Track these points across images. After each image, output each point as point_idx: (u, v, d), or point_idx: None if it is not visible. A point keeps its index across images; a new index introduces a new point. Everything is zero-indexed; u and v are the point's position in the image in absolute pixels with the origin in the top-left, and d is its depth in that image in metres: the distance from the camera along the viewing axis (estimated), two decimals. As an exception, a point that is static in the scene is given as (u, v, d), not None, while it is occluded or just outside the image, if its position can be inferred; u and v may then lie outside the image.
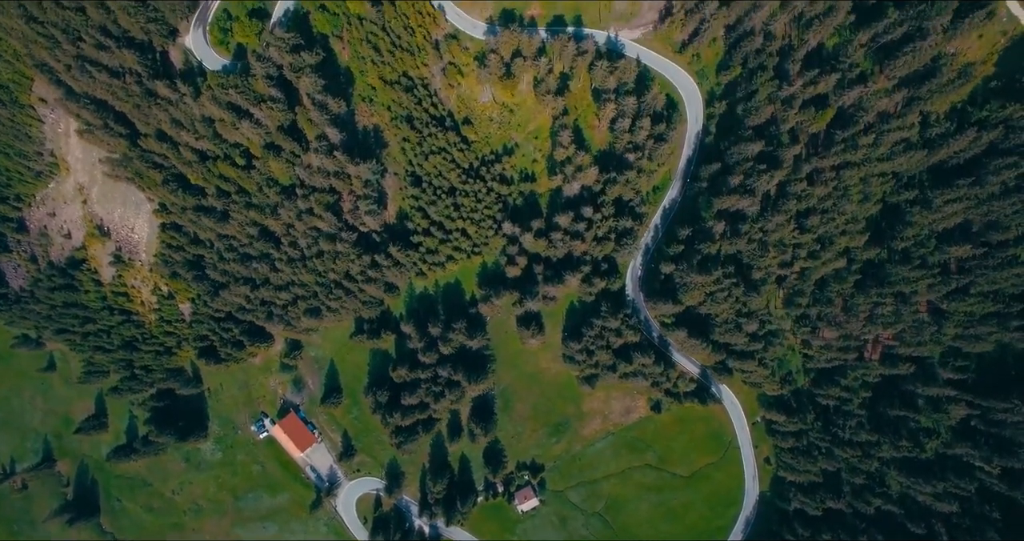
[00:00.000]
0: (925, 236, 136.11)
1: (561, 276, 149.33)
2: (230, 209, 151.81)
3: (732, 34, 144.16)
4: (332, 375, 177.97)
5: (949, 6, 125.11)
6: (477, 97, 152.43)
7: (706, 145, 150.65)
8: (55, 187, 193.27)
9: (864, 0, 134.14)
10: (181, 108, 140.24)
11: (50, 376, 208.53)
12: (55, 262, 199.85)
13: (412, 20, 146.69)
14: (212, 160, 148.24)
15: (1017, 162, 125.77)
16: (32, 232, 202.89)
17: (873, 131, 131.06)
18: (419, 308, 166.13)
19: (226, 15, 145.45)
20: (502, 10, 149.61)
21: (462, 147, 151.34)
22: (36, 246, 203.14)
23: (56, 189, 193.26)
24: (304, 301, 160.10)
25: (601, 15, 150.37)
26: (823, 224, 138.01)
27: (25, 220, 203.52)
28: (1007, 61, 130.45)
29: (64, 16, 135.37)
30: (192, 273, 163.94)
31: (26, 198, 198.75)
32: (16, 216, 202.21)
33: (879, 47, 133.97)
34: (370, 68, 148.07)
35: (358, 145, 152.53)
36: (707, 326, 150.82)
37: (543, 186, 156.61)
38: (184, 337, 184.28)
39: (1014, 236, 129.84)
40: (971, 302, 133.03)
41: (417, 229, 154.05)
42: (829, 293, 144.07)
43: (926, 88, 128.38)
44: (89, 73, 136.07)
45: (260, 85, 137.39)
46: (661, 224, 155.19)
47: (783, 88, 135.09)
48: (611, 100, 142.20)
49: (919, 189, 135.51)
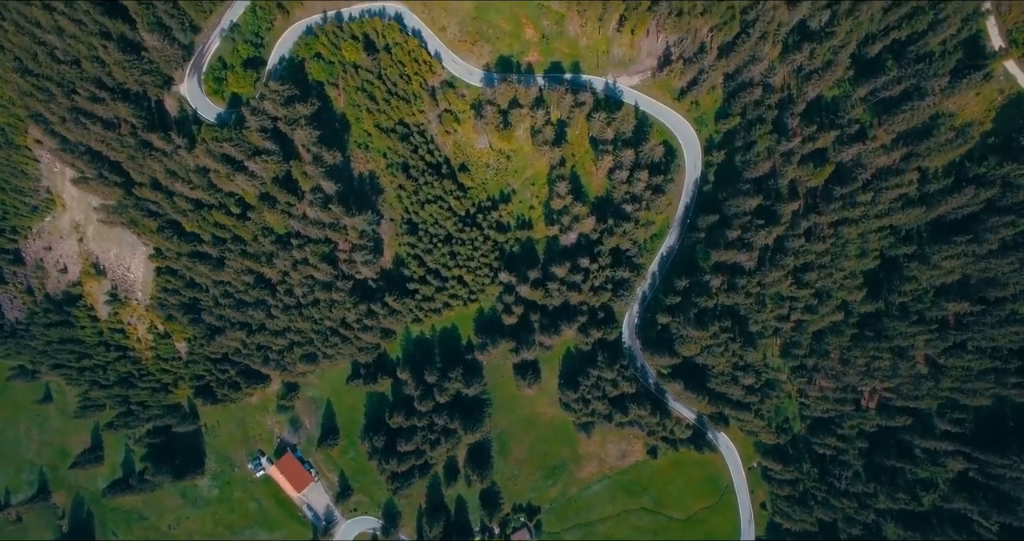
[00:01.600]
0: (923, 291, 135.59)
1: (557, 326, 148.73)
2: (225, 256, 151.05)
3: (731, 83, 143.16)
4: (329, 416, 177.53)
5: (947, 65, 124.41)
6: (474, 144, 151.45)
7: (704, 193, 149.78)
8: (51, 221, 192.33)
9: (864, 52, 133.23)
10: (175, 159, 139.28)
11: (46, 408, 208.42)
12: (51, 295, 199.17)
13: (408, 68, 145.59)
14: (207, 208, 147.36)
15: (1015, 221, 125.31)
16: (28, 264, 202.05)
17: (871, 188, 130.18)
18: (415, 352, 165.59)
19: (221, 64, 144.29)
20: (499, 57, 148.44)
21: (458, 195, 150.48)
22: (32, 278, 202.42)
23: (52, 223, 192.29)
24: (300, 347, 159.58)
25: (599, 61, 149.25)
26: (821, 279, 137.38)
27: (21, 252, 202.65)
28: (1004, 118, 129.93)
29: (59, 70, 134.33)
30: (188, 316, 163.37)
31: (22, 230, 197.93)
32: (12, 247, 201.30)
33: (878, 101, 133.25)
34: (365, 116, 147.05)
35: (354, 192, 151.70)
36: (704, 376, 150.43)
37: (540, 232, 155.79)
38: (180, 376, 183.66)
39: (1012, 293, 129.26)
40: (968, 358, 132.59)
41: (413, 276, 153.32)
42: (826, 345, 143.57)
43: (924, 146, 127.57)
44: (84, 125, 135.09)
45: (254, 137, 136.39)
46: (658, 271, 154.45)
47: (782, 143, 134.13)
48: (609, 151, 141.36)
49: (917, 244, 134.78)
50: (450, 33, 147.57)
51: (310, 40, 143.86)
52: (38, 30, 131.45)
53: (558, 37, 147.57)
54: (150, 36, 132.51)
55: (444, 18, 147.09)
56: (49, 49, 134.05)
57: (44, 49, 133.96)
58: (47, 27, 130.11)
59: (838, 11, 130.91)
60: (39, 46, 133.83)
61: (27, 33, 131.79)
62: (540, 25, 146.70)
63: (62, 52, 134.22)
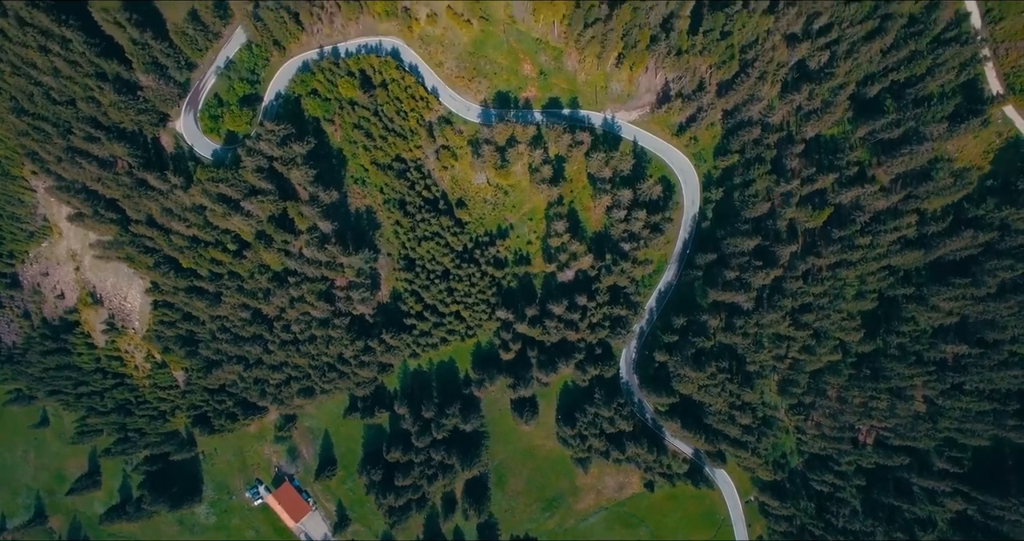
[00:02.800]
0: (921, 332, 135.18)
1: (555, 364, 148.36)
2: (222, 292, 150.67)
3: (730, 120, 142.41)
4: (327, 446, 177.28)
5: (945, 109, 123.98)
6: (471, 179, 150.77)
7: (703, 229, 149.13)
8: (48, 247, 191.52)
9: (863, 92, 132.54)
10: (171, 198, 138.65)
11: (43, 432, 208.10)
12: (48, 319, 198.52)
13: (405, 104, 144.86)
14: (203, 245, 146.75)
15: (1013, 264, 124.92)
16: (25, 288, 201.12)
17: (870, 231, 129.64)
18: (413, 385, 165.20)
19: (217, 101, 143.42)
20: (496, 92, 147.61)
21: (455, 231, 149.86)
22: (29, 303, 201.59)
23: (49, 249, 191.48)
24: (297, 382, 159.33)
25: (598, 97, 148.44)
26: (819, 320, 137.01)
27: (18, 276, 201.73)
28: (1002, 161, 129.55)
29: (54, 111, 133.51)
30: (185, 349, 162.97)
31: (19, 255, 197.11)
32: (9, 271, 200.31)
33: (877, 141, 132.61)
34: (362, 152, 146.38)
35: (350, 228, 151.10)
36: (701, 411, 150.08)
37: (538, 267, 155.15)
38: (178, 405, 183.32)
39: (1011, 336, 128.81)
40: (966, 400, 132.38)
41: (410, 312, 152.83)
42: (824, 384, 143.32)
43: (923, 189, 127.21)
44: (79, 164, 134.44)
45: (250, 177, 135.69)
46: (656, 307, 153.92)
47: (781, 184, 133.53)
48: (607, 190, 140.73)
49: (916, 285, 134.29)
50: (447, 68, 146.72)
51: (306, 77, 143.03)
52: (34, 71, 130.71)
53: (556, 72, 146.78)
54: (146, 76, 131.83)
55: (441, 53, 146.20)
56: (45, 90, 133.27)
57: (40, 90, 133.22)
58: (43, 68, 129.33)
59: (837, 52, 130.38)
60: (35, 86, 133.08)
61: (23, 74, 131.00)
62: (538, 61, 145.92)
63: (58, 93, 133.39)
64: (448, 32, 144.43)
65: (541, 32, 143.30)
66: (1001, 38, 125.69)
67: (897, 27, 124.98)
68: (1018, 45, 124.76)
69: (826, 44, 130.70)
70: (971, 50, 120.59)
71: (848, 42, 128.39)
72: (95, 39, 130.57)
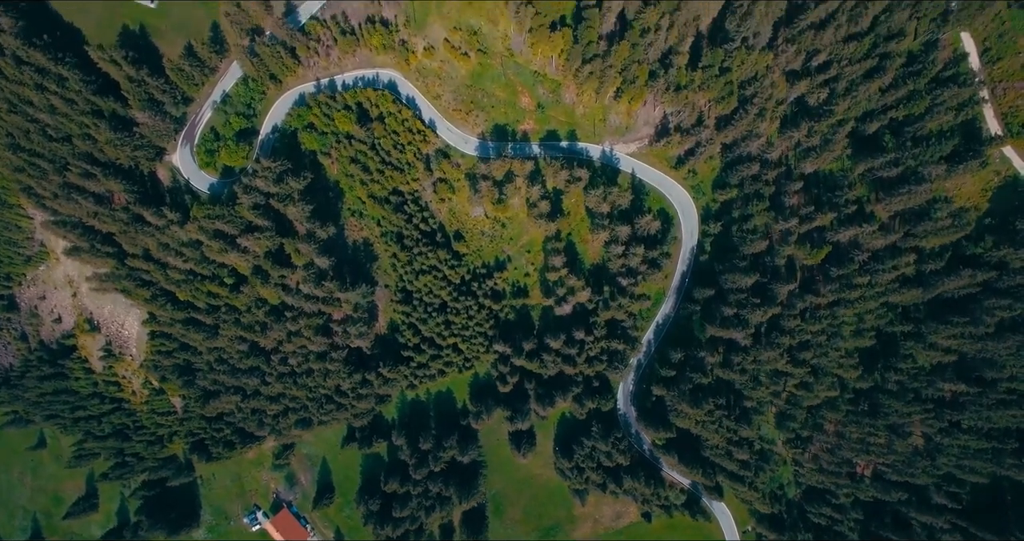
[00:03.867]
0: (919, 369, 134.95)
1: (552, 397, 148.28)
2: (220, 325, 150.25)
3: (729, 154, 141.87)
4: (325, 473, 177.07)
5: (944, 149, 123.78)
6: (469, 211, 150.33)
7: (701, 263, 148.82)
8: (45, 270, 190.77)
9: (862, 129, 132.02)
10: (168, 233, 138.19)
11: (40, 453, 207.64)
12: (46, 342, 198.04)
13: (402, 138, 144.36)
14: (200, 279, 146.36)
15: (1011, 304, 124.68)
16: (22, 311, 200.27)
17: (869, 270, 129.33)
18: (411, 414, 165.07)
19: (213, 135, 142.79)
20: (494, 125, 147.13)
21: (453, 264, 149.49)
22: (26, 325, 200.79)
23: (47, 272, 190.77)
24: (295, 413, 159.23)
25: (596, 129, 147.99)
26: (816, 357, 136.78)
27: (15, 298, 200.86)
28: (1000, 199, 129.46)
29: (50, 147, 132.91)
30: (182, 379, 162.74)
31: (16, 277, 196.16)
32: (6, 293, 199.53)
33: (877, 177, 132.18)
34: (359, 186, 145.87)
35: (348, 260, 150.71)
36: (699, 444, 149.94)
37: (535, 299, 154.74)
38: (175, 432, 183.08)
39: (1009, 375, 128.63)
40: (965, 438, 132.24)
41: (408, 344, 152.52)
42: (821, 419, 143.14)
43: (921, 228, 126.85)
44: (75, 200, 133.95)
45: (247, 213, 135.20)
46: (654, 339, 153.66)
47: (779, 221, 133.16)
48: (604, 226, 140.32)
49: (914, 322, 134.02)
50: (445, 101, 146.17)
51: (302, 111, 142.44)
52: (30, 109, 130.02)
53: (554, 105, 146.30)
54: (142, 114, 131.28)
55: (438, 86, 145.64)
56: (41, 126, 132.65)
57: (36, 126, 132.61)
58: (39, 106, 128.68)
59: (836, 89, 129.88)
60: (31, 123, 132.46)
61: (19, 112, 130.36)
62: (536, 93, 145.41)
63: (54, 129, 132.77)
64: (445, 65, 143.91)
65: (539, 65, 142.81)
66: (999, 78, 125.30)
67: (896, 67, 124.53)
68: (1015, 85, 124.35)
69: (825, 81, 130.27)
70: (969, 92, 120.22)
71: (847, 80, 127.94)
72: (91, 76, 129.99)
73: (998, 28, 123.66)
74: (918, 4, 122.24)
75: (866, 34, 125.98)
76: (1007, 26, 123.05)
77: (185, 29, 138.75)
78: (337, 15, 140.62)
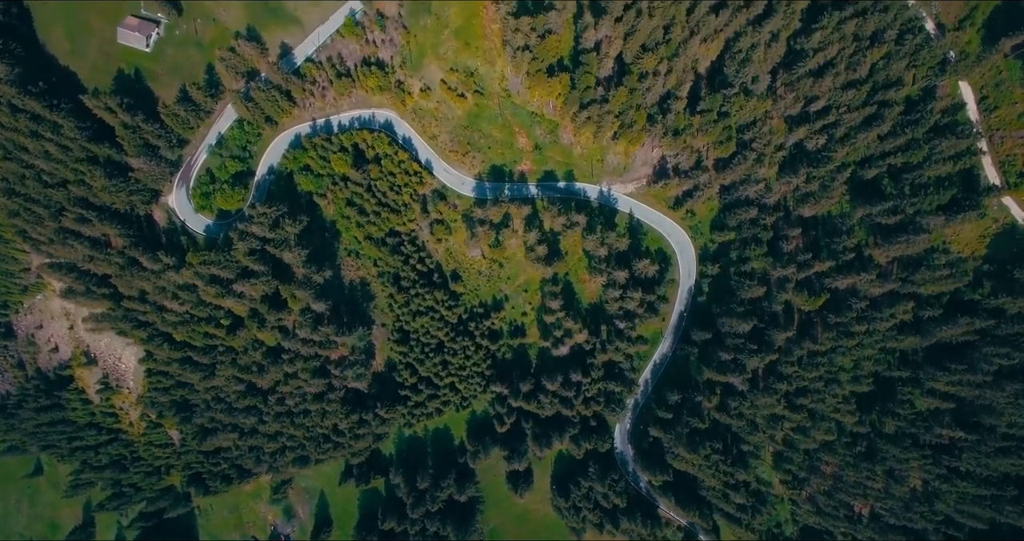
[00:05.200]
0: (917, 414, 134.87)
1: (549, 439, 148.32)
2: (216, 365, 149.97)
3: (727, 195, 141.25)
4: (323, 505, 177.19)
5: (942, 199, 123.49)
6: (466, 252, 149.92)
7: (699, 303, 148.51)
8: (42, 299, 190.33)
9: (861, 174, 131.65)
10: (164, 277, 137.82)
11: (37, 481, 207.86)
12: (43, 370, 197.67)
13: (398, 179, 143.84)
14: (197, 321, 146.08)
15: (1010, 353, 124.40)
16: (19, 338, 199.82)
17: (866, 318, 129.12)
18: (408, 450, 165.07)
19: (209, 177, 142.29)
20: (491, 166, 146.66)
21: (450, 304, 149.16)
22: (23, 353, 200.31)
23: (43, 302, 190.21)
24: (292, 451, 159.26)
25: (593, 169, 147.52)
26: (813, 402, 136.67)
27: (12, 326, 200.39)
28: (998, 245, 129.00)
29: (46, 193, 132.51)
30: (179, 416, 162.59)
31: (13, 305, 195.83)
32: (3, 321, 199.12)
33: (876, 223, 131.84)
34: (355, 228, 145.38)
35: (344, 300, 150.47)
36: (696, 483, 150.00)
37: (533, 337, 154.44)
38: (172, 465, 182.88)
39: (1007, 422, 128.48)
40: (963, 485, 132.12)
41: (405, 383, 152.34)
42: (818, 462, 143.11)
43: (920, 277, 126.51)
44: (71, 245, 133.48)
45: (243, 259, 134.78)
46: (651, 378, 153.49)
47: (777, 268, 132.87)
48: (602, 270, 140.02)
49: (912, 368, 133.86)
50: (441, 142, 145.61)
51: (298, 153, 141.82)
52: (25, 155, 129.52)
53: (552, 146, 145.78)
54: (137, 160, 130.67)
55: (435, 127, 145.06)
56: (36, 172, 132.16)
57: (31, 172, 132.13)
58: (35, 152, 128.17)
59: (835, 135, 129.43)
60: (27, 169, 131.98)
61: (15, 158, 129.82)
62: (533, 134, 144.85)
63: (49, 175, 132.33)
64: (442, 106, 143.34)
65: (536, 106, 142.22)
66: (996, 126, 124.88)
67: (894, 115, 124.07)
68: (1013, 134, 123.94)
69: (823, 127, 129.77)
70: (967, 143, 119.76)
71: (845, 127, 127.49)
72: (86, 123, 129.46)
73: (995, 77, 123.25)
74: (916, 54, 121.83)
75: (864, 82, 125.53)
76: (1004, 75, 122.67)
77: (180, 72, 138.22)
78: (333, 57, 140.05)
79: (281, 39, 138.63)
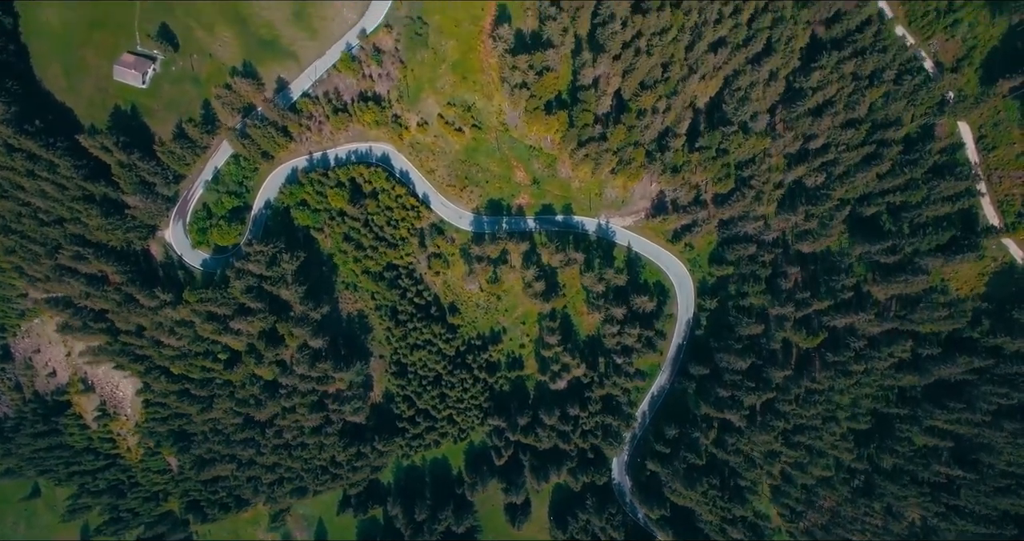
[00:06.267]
0: (916, 452, 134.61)
1: (547, 471, 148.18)
2: (214, 398, 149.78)
3: (726, 230, 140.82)
4: (321, 533, 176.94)
5: (941, 239, 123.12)
6: (463, 284, 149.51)
7: (697, 337, 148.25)
8: (40, 323, 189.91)
9: (860, 211, 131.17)
10: (161, 314, 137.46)
11: (34, 503, 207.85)
12: (40, 393, 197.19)
13: (396, 213, 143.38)
14: (194, 355, 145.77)
15: (1008, 393, 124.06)
16: (17, 361, 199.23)
17: (864, 357, 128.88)
18: (406, 479, 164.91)
19: (206, 212, 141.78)
20: (489, 200, 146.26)
21: (448, 337, 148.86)
22: (21, 376, 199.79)
23: (41, 326, 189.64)
24: (290, 482, 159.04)
25: (591, 203, 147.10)
26: (811, 439, 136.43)
27: (10, 348, 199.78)
28: (997, 284, 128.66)
29: (42, 232, 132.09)
30: (177, 446, 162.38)
31: (10, 328, 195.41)
32: (1, 343, 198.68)
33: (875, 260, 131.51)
34: (352, 263, 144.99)
35: (342, 333, 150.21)
36: (694, 517, 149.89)
37: (531, 369, 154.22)
38: (170, 492, 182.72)
39: (1006, 461, 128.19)
40: (962, 523, 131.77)
41: (403, 415, 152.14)
42: (815, 496, 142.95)
43: (918, 316, 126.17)
44: (67, 282, 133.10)
45: (240, 296, 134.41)
46: (649, 410, 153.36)
47: (775, 306, 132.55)
48: (600, 306, 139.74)
49: (911, 405, 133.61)
50: (439, 176, 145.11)
51: (295, 189, 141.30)
52: (22, 193, 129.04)
53: (550, 179, 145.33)
54: (133, 198, 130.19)
55: (432, 161, 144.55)
56: (32, 210, 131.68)
57: (28, 209, 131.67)
58: (31, 191, 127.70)
59: (834, 173, 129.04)
60: (23, 207, 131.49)
61: (10, 197, 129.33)
62: (531, 168, 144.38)
63: (45, 213, 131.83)
64: (439, 140, 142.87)
65: (534, 140, 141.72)
66: (994, 165, 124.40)
67: (893, 154, 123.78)
68: (1011, 174, 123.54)
69: (822, 164, 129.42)
70: (965, 185, 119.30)
71: (844, 165, 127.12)
72: (82, 161, 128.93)
73: (993, 117, 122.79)
74: (915, 94, 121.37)
75: (863, 121, 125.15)
76: (1002, 116, 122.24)
77: (176, 107, 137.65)
78: (329, 91, 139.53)
79: (277, 74, 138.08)
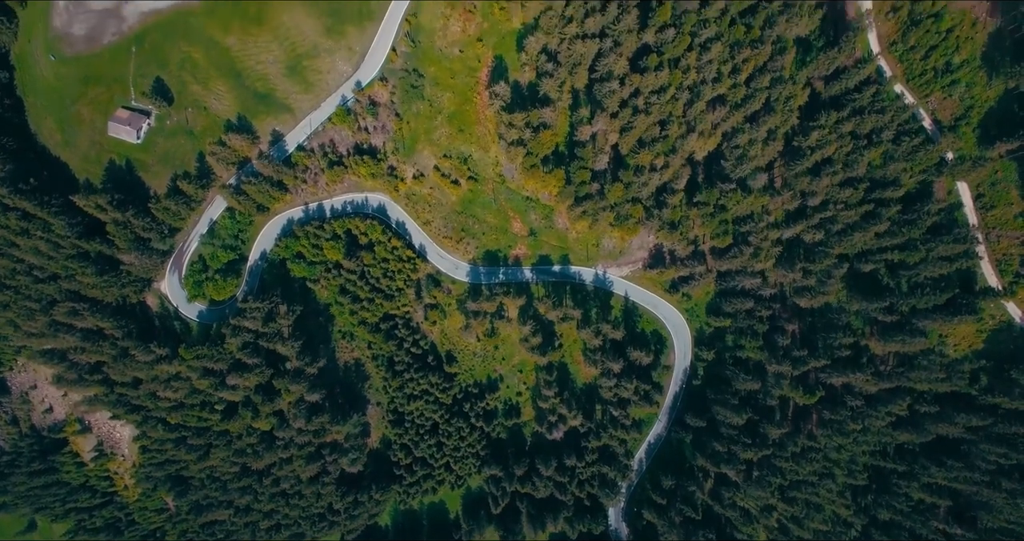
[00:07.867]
0: (913, 507, 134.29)
1: (543, 520, 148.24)
2: (211, 446, 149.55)
3: (723, 282, 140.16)
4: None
5: (939, 299, 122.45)
6: (460, 334, 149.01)
7: (694, 387, 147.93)
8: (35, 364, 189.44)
9: (858, 267, 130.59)
10: (157, 368, 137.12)
11: (31, 537, 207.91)
12: (37, 427, 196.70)
13: (392, 265, 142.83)
14: (191, 407, 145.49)
15: (1007, 453, 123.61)
16: (13, 395, 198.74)
17: (862, 415, 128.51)
18: (404, 522, 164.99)
19: (201, 265, 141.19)
20: (485, 251, 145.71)
21: (444, 387, 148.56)
22: (17, 410, 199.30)
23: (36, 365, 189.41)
24: (287, 529, 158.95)
25: (588, 253, 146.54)
26: (808, 495, 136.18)
27: (7, 382, 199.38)
28: (995, 341, 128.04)
29: (37, 289, 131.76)
30: (174, 490, 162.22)
31: (7, 362, 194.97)
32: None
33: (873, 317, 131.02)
34: (348, 315, 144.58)
35: (339, 382, 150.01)
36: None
37: (528, 416, 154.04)
38: (168, 531, 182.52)
39: (1005, 520, 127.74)
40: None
41: (400, 463, 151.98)
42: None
43: (916, 376, 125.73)
44: (62, 338, 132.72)
45: (236, 352, 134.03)
46: (646, 458, 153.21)
47: (772, 363, 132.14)
48: (596, 360, 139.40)
49: (909, 461, 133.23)
50: (435, 227, 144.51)
51: (290, 241, 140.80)
52: (16, 251, 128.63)
53: (546, 230, 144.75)
54: (128, 255, 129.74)
55: (428, 212, 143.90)
56: (27, 266, 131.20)
57: (22, 266, 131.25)
58: (25, 248, 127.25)
59: (832, 230, 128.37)
60: (17, 263, 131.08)
61: (5, 254, 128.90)
62: (528, 219, 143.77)
63: (39, 270, 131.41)
64: (435, 191, 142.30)
65: (531, 191, 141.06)
66: (993, 224, 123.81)
67: (891, 214, 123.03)
68: (1009, 233, 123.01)
69: (821, 221, 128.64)
70: (963, 247, 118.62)
71: (842, 223, 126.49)
72: (76, 219, 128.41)
73: (991, 177, 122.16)
74: (913, 154, 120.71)
75: (862, 180, 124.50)
76: (999, 176, 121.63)
77: (171, 161, 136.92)
78: (325, 144, 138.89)
79: (272, 127, 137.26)
